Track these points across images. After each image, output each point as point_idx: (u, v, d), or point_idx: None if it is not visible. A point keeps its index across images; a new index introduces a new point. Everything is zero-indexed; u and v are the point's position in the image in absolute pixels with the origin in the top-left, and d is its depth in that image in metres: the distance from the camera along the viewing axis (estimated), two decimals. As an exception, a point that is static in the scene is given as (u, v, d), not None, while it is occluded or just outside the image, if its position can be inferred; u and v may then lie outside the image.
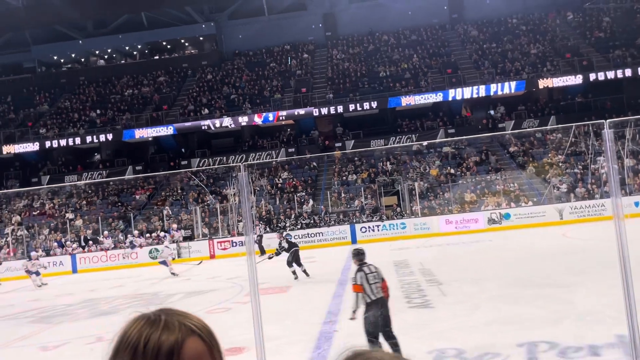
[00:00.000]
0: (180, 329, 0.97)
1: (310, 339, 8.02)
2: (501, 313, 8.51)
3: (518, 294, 9.81)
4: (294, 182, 29.09)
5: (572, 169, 26.00)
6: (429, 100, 31.01)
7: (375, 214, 25.08)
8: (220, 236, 25.29)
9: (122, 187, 32.09)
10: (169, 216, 27.33)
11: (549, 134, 29.16)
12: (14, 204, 31.54)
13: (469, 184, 26.26)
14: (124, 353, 0.96)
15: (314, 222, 25.08)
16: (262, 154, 32.22)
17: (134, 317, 1.01)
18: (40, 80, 40.74)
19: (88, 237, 26.50)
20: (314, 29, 40.57)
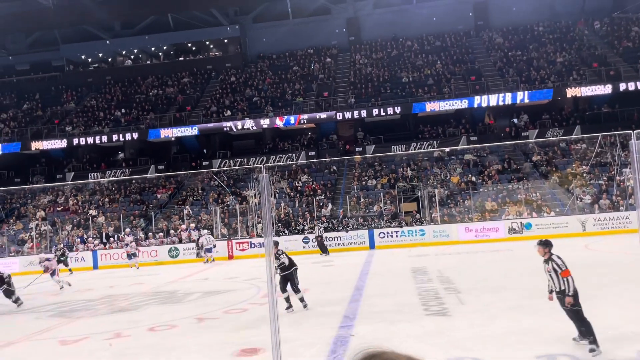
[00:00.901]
0: None
1: (325, 342, 8.01)
2: (520, 324, 8.39)
3: (538, 305, 9.64)
4: (313, 186, 29.13)
5: (596, 180, 25.55)
6: (452, 107, 30.81)
7: (394, 220, 24.96)
8: (239, 237, 25.43)
9: (144, 185, 32.52)
10: (189, 216, 27.58)
11: (574, 143, 28.71)
12: (38, 199, 32.18)
13: (490, 192, 25.97)
14: None
15: (332, 226, 25.07)
16: (282, 156, 32.34)
17: None
18: (68, 79, 41.56)
19: (110, 234, 26.90)
20: (337, 33, 40.66)
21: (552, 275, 6.77)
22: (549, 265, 6.82)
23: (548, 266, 6.84)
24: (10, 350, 9.12)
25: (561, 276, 6.62)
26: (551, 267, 6.78)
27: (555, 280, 6.74)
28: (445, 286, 12.29)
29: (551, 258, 6.78)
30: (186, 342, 8.70)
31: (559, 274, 6.65)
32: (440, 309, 9.84)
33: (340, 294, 12.30)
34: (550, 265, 6.79)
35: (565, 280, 6.59)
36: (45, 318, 12.15)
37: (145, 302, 13.61)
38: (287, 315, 10.11)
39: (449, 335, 8.00)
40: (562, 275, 6.60)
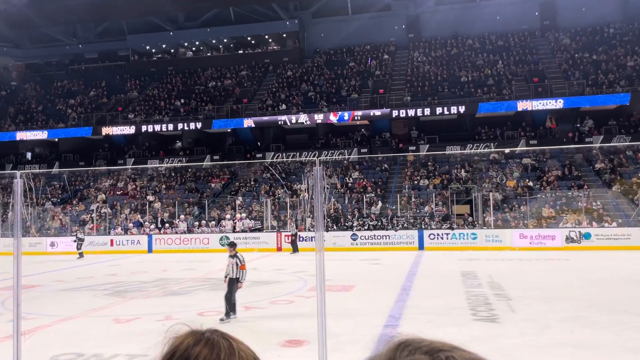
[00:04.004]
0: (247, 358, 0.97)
1: (370, 340, 7.98)
2: (574, 336, 8.07)
3: (593, 317, 9.26)
4: (364, 183, 29.03)
5: (664, 192, 24.17)
6: (512, 109, 29.96)
7: (446, 222, 24.53)
8: (288, 230, 25.68)
9: (199, 174, 33.39)
10: (241, 206, 28.11)
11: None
12: (100, 183, 33.65)
13: (548, 199, 25.06)
14: None
15: (381, 224, 24.91)
16: (334, 152, 32.40)
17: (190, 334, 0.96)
18: (132, 68, 43.17)
19: (165, 219, 27.79)
20: (396, 30, 40.25)
21: (234, 268, 9.34)
22: (233, 260, 9.37)
23: (232, 260, 9.39)
24: (69, 325, 9.60)
25: (240, 269, 9.28)
26: (234, 262, 9.30)
27: (234, 271, 9.40)
28: (496, 292, 11.97)
29: (236, 255, 9.30)
30: (232, 329, 8.85)
31: (239, 267, 9.26)
32: (489, 315, 9.60)
33: (386, 293, 12.21)
34: (235, 260, 9.30)
35: (241, 272, 9.39)
36: (102, 297, 12.70)
37: (196, 287, 13.99)
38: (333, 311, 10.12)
39: (498, 342, 7.80)
40: (241, 268, 9.27)
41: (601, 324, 8.76)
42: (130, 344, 7.96)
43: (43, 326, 9.42)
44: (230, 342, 0.95)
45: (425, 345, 0.75)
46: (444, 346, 0.75)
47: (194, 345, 0.93)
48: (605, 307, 10.08)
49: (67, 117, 37.85)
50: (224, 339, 0.96)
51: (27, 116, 39.22)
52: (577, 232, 22.24)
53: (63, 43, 45.60)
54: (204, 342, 0.94)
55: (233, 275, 9.48)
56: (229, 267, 9.58)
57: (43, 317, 10.15)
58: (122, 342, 8.10)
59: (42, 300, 12.46)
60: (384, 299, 11.37)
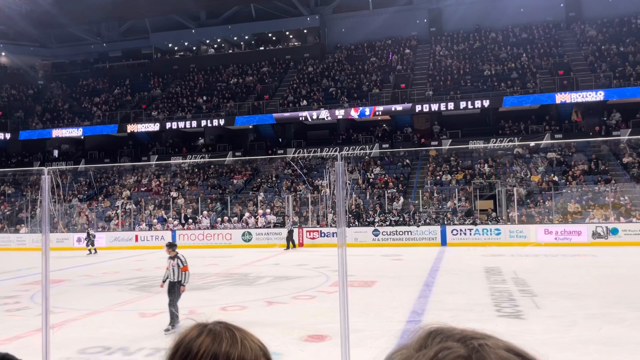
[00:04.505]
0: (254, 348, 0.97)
1: (393, 335, 7.96)
2: (600, 333, 7.93)
3: (621, 314, 9.08)
4: (385, 178, 28.90)
5: (695, 186, 23.53)
6: (538, 102, 29.48)
7: (469, 217, 24.28)
8: (310, 226, 25.75)
9: (221, 171, 33.67)
10: (262, 202, 28.27)
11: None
12: (125, 179, 34.18)
13: (573, 194, 24.61)
14: None
15: (403, 220, 24.78)
16: (355, 147, 32.32)
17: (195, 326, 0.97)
18: (155, 66, 43.66)
19: (188, 215, 28.10)
20: (418, 24, 39.90)
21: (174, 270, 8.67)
22: (174, 261, 8.73)
23: (173, 262, 8.74)
24: (95, 319, 9.79)
25: (182, 270, 8.60)
26: (175, 263, 8.64)
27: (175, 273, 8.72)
28: (520, 288, 11.83)
29: (177, 255, 8.65)
30: (255, 324, 8.95)
31: (181, 269, 8.60)
32: (513, 311, 9.49)
33: (408, 288, 12.16)
34: (175, 261, 8.65)
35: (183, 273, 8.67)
36: (127, 291, 12.92)
37: (219, 282, 14.13)
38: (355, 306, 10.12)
39: (523, 339, 7.70)
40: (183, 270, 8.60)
41: (629, 321, 8.59)
42: (155, 338, 8.09)
43: (71, 320, 9.63)
44: (233, 332, 0.96)
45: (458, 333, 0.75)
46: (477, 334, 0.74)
47: (197, 337, 0.95)
48: (633, 304, 9.88)
49: (93, 115, 38.50)
50: (227, 329, 0.97)
51: (54, 114, 40.01)
52: (604, 227, 21.79)
53: (88, 42, 46.36)
54: (206, 333, 0.95)
55: (174, 278, 8.73)
56: (168, 269, 8.88)
57: (71, 311, 10.38)
58: (147, 336, 8.23)
59: (69, 294, 12.73)
60: (406, 295, 11.32)
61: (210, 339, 0.94)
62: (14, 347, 7.79)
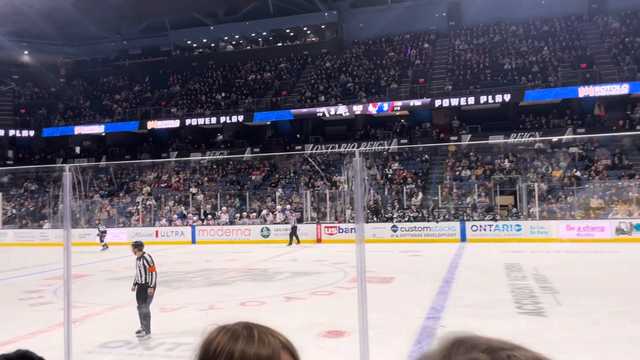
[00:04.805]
0: (273, 343, 0.97)
1: (411, 332, 7.92)
2: (624, 331, 7.78)
3: (646, 313, 8.90)
4: (404, 174, 28.74)
5: None
6: (560, 96, 29.01)
7: (489, 213, 24.03)
8: (328, 221, 25.74)
9: (240, 167, 33.84)
10: (281, 198, 28.35)
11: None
12: (145, 176, 34.57)
13: (596, 189, 24.17)
14: None
15: (422, 215, 24.63)
16: (373, 143, 32.19)
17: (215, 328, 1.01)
18: (174, 63, 44.01)
19: (207, 211, 28.31)
20: (437, 18, 39.51)
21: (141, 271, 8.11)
22: (140, 262, 8.21)
23: (139, 262, 8.22)
24: (117, 314, 9.93)
25: (149, 271, 8.07)
26: (142, 264, 8.12)
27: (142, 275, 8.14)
28: (541, 285, 11.66)
29: (143, 256, 8.16)
30: (273, 319, 8.96)
31: (148, 269, 8.07)
32: (535, 309, 9.36)
33: (427, 285, 12.08)
34: (142, 262, 8.13)
35: (150, 274, 8.09)
36: (148, 286, 13.05)
37: (238, 277, 14.21)
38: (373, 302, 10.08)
39: (544, 336, 7.60)
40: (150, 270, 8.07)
41: (654, 319, 8.41)
42: (175, 333, 8.17)
43: (93, 314, 9.78)
44: (251, 330, 0.99)
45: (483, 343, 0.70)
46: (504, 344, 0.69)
47: (215, 338, 0.98)
48: (658, 302, 9.67)
49: (113, 112, 38.99)
50: (246, 327, 1.00)
51: (76, 112, 40.61)
52: (628, 223, 21.38)
53: (108, 40, 46.92)
54: (224, 332, 0.99)
55: (141, 280, 8.15)
56: (136, 272, 8.32)
57: (93, 306, 10.54)
58: (168, 331, 8.31)
59: (91, 289, 12.92)
60: (425, 291, 11.25)
61: (227, 338, 0.97)
62: (37, 341, 7.94)
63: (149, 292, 8.10)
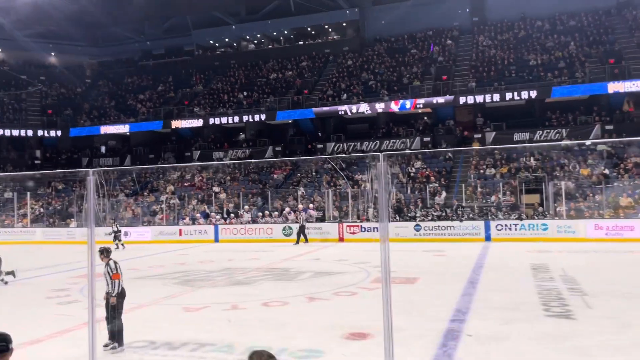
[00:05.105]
0: None
1: (436, 335, 7.79)
2: (658, 336, 7.53)
3: (681, 317, 8.61)
4: (426, 172, 28.46)
5: None
6: (588, 93, 28.39)
7: (514, 212, 23.63)
8: (350, 220, 25.64)
9: (262, 166, 33.96)
10: (303, 196, 28.34)
11: None
12: (169, 175, 34.94)
13: (625, 187, 23.56)
14: None
15: (445, 214, 24.35)
16: (396, 141, 31.95)
17: None
18: (197, 63, 44.37)
19: (230, 210, 28.47)
20: (459, 14, 39.01)
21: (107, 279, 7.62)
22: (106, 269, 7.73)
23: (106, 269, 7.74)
24: (141, 313, 10.00)
25: (112, 279, 7.55)
26: (106, 271, 7.61)
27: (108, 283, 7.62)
28: (569, 286, 11.40)
29: (108, 263, 7.68)
30: (296, 320, 8.94)
31: (111, 276, 7.56)
32: (563, 311, 9.14)
33: (452, 286, 11.91)
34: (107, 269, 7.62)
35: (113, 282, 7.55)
36: (172, 285, 13.16)
37: (260, 277, 14.22)
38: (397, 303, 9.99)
39: (573, 340, 7.40)
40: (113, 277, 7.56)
41: (690, 324, 8.13)
42: (199, 333, 8.18)
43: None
44: None
45: None
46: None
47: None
48: (693, 305, 9.35)
49: (137, 111, 39.49)
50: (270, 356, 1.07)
51: (101, 112, 41.25)
52: (659, 222, 20.79)
53: (132, 41, 47.55)
54: None
55: (107, 288, 7.56)
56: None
57: (117, 305, 10.62)
58: (191, 331, 8.33)
59: (116, 287, 13.05)
60: (450, 292, 11.08)
61: None
62: (63, 340, 8.04)
63: (111, 302, 7.44)
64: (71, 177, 36.22)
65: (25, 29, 40.82)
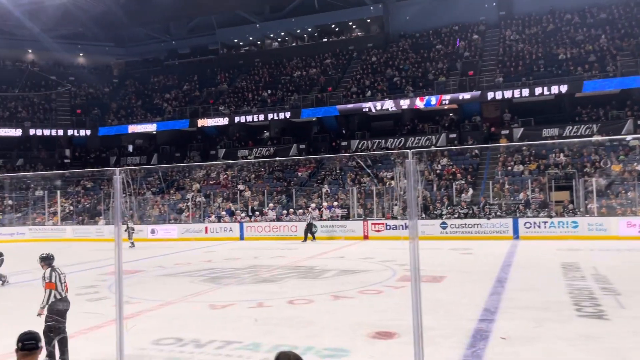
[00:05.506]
0: None
1: (464, 334, 7.66)
2: (698, 338, 7.25)
3: None
4: (453, 169, 28.10)
5: None
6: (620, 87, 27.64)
7: (543, 210, 23.16)
8: (375, 218, 25.49)
9: (286, 163, 34.02)
10: (327, 194, 28.30)
11: None
12: (194, 173, 35.29)
13: (659, 184, 22.88)
14: None
15: (472, 212, 24.01)
16: (421, 138, 31.64)
17: None
18: (221, 62, 44.67)
19: (255, 207, 28.61)
20: (486, 8, 38.38)
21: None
22: None
23: None
24: (168, 310, 10.09)
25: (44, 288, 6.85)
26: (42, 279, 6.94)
27: None
28: (602, 286, 11.09)
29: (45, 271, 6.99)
30: (322, 319, 8.89)
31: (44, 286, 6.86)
32: (595, 311, 8.89)
33: (479, 284, 11.71)
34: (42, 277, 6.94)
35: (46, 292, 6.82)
36: (198, 282, 13.26)
37: (285, 275, 14.23)
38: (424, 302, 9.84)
39: (607, 341, 7.18)
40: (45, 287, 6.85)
41: None
42: (225, 330, 8.20)
43: (145, 310, 9.98)
44: None
45: None
46: None
47: None
48: None
49: (164, 110, 39.98)
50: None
51: (128, 111, 41.89)
52: (696, 220, 20.12)
53: (158, 40, 48.14)
54: None
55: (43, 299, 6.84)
56: None
57: (145, 302, 10.76)
58: (218, 328, 8.36)
59: (144, 285, 13.23)
60: (477, 291, 10.90)
61: None
62: (91, 337, 8.15)
63: (37, 313, 6.73)
64: (99, 175, 36.89)
65: (53, 31, 41.68)
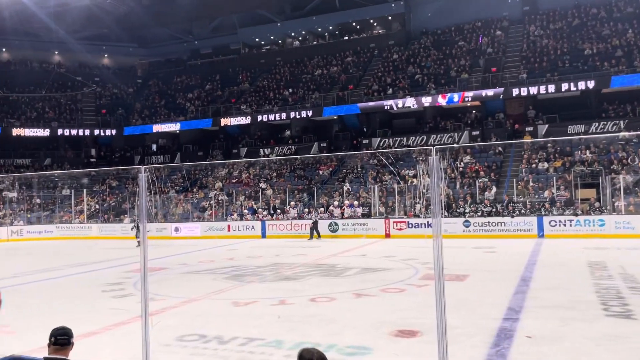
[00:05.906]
0: None
1: (488, 334, 7.58)
2: None
3: None
4: (476, 167, 27.80)
5: None
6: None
7: (568, 208, 22.77)
8: (397, 216, 25.38)
9: (307, 161, 34.09)
10: (348, 193, 28.27)
11: None
12: (217, 172, 35.61)
13: (690, 181, 22.31)
14: None
15: (496, 210, 23.73)
16: (443, 136, 31.37)
17: None
18: (243, 61, 44.97)
19: (276, 206, 28.74)
20: (509, 4, 37.88)
21: None
22: None
23: None
24: (192, 307, 10.21)
25: None
26: None
27: None
28: (630, 285, 10.86)
29: None
30: (344, 317, 8.89)
31: None
32: (623, 311, 8.71)
33: (503, 283, 11.57)
34: None
35: None
36: (221, 280, 13.38)
37: (307, 272, 14.26)
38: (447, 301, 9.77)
39: (634, 341, 7.03)
40: None
41: None
42: (248, 327, 8.26)
43: (169, 307, 10.11)
44: None
45: None
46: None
47: None
48: None
49: (186, 110, 40.41)
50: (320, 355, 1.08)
51: (151, 111, 42.45)
52: None
53: (180, 41, 48.68)
54: None
55: None
56: None
57: (170, 299, 10.90)
58: (241, 325, 8.43)
59: (168, 282, 13.40)
60: (501, 290, 10.77)
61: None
62: (117, 333, 8.29)
63: None
64: (124, 174, 37.47)
65: (78, 33, 42.46)
